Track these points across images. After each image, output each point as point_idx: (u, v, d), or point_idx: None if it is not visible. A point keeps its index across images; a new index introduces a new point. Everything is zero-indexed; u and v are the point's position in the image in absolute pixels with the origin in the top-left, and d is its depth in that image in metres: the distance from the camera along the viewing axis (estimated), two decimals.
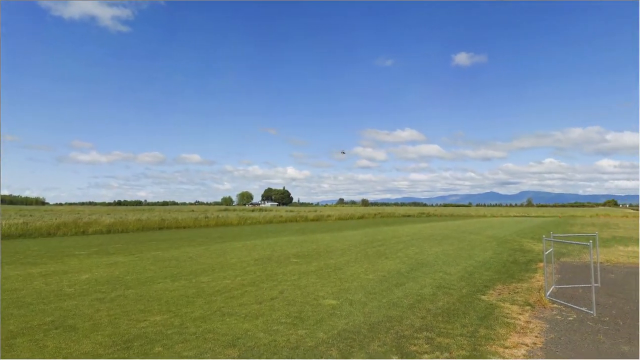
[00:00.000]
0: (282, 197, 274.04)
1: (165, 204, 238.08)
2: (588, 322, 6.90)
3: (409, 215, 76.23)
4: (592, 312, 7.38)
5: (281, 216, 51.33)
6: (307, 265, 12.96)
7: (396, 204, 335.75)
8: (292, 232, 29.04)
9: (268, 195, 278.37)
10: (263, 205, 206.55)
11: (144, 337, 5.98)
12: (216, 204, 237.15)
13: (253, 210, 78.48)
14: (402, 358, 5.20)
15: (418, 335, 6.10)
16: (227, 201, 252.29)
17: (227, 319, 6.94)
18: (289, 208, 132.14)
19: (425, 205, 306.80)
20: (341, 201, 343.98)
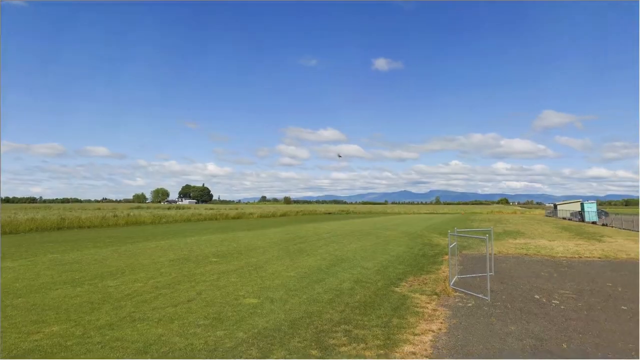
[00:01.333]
0: (202, 195, 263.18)
1: (65, 201, 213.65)
2: (484, 307, 7.74)
3: (330, 213, 78.29)
4: (487, 298, 8.30)
5: (200, 214, 49.13)
6: (227, 265, 12.61)
7: (318, 202, 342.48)
8: (212, 231, 28.03)
9: (186, 192, 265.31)
10: (180, 202, 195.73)
11: (38, 351, 5.30)
12: (127, 201, 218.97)
13: (169, 209, 74.00)
14: (321, 352, 5.33)
15: (337, 329, 6.30)
16: (139, 198, 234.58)
17: (138, 325, 6.46)
18: (208, 206, 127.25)
19: (345, 203, 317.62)
20: (263, 199, 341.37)
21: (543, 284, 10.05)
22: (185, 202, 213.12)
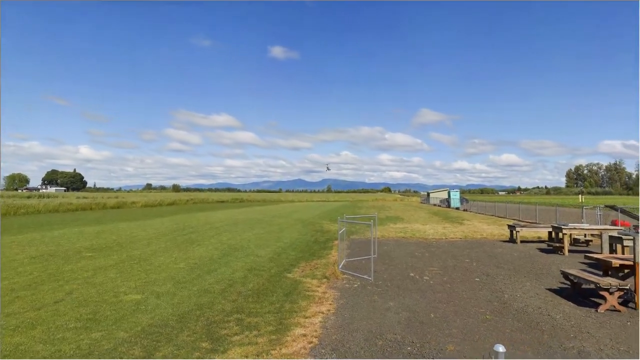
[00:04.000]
0: (72, 182, 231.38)
1: None
2: (368, 287, 8.44)
3: (223, 201, 76.02)
4: (370, 279, 9.06)
5: (70, 203, 43.05)
6: (104, 259, 11.36)
7: (210, 190, 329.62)
8: (86, 222, 24.88)
9: (52, 178, 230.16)
10: (45, 190, 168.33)
11: None
12: None
13: (29, 197, 63.16)
14: (212, 343, 5.20)
15: (229, 319, 6.20)
16: None
17: None
18: (81, 194, 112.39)
19: (239, 191, 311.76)
20: (149, 186, 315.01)
21: (417, 262, 11.36)
22: (52, 189, 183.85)
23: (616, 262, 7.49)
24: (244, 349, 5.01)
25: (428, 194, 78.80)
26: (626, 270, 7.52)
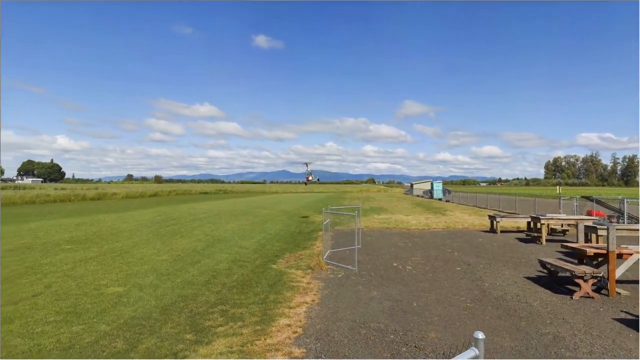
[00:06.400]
0: (50, 172, 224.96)
1: None
2: (352, 277, 8.52)
3: (206, 193, 75.22)
4: (355, 269, 9.15)
5: (48, 195, 41.92)
6: (84, 252, 11.14)
7: (193, 181, 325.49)
8: (64, 214, 24.28)
9: (28, 169, 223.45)
10: (20, 182, 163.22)
11: None
12: None
13: (3, 189, 61.17)
14: (196, 335, 5.18)
15: (213, 310, 6.19)
16: None
17: None
18: (59, 185, 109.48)
19: (223, 182, 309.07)
20: (130, 177, 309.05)
21: (400, 252, 11.52)
22: (28, 180, 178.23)
23: (591, 251, 7.76)
24: (229, 340, 5.01)
25: (411, 185, 79.74)
26: (600, 259, 7.79)
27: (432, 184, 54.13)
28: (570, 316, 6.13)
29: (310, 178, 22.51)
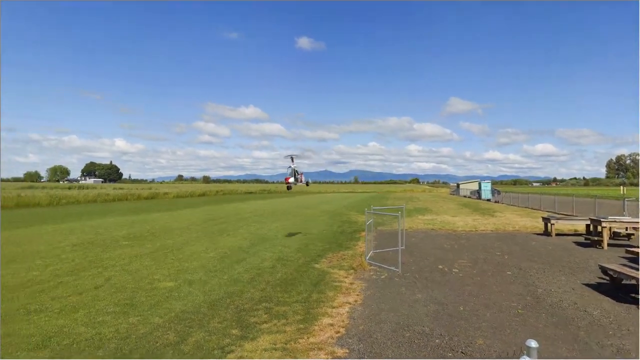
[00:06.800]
0: (109, 173, 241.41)
1: None
2: (395, 279, 8.39)
3: (251, 192, 77.30)
4: (398, 270, 9.00)
5: (108, 194, 45.08)
6: (140, 248, 11.85)
7: (239, 181, 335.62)
8: (122, 212, 25.98)
9: (90, 170, 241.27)
10: (84, 182, 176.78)
11: None
12: (16, 180, 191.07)
13: (70, 188, 66.53)
14: (242, 330, 5.34)
15: (257, 307, 6.35)
16: (32, 177, 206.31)
17: (35, 317, 5.82)
18: (117, 185, 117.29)
19: (267, 182, 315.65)
20: (180, 178, 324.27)
21: (446, 255, 11.17)
22: (90, 181, 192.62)
23: None
24: (273, 337, 5.12)
25: (458, 185, 77.03)
26: None
27: (480, 184, 51.97)
28: (636, 327, 5.63)
29: (291, 180, 13.22)
